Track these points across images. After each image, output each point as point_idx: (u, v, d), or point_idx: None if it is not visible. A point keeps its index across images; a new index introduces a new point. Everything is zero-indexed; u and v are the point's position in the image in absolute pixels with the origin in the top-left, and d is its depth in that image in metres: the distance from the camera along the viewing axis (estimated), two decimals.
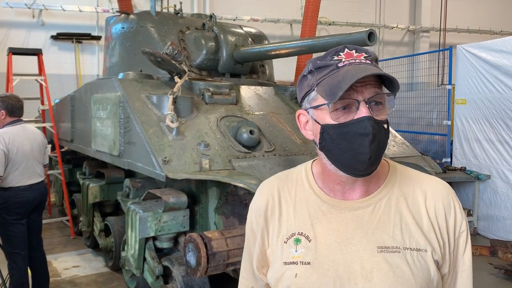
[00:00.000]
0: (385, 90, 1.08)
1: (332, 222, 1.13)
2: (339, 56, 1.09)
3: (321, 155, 1.14)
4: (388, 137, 1.11)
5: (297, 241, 1.14)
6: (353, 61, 1.07)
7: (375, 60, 1.11)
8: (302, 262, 1.11)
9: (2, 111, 3.78)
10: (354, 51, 1.10)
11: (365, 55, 1.09)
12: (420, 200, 1.14)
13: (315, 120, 1.12)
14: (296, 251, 1.13)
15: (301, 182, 1.22)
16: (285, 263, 1.13)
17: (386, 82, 1.08)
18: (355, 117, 1.05)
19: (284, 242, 1.15)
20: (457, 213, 1.15)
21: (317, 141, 1.13)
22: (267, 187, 1.26)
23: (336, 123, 1.06)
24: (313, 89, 1.11)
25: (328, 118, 1.08)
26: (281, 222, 1.19)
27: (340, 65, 1.07)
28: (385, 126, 1.09)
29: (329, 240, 1.11)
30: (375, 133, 1.04)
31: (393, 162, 1.24)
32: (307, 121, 1.17)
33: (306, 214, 1.16)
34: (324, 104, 1.07)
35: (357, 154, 1.05)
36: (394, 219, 1.12)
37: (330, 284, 1.08)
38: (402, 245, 1.09)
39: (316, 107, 1.10)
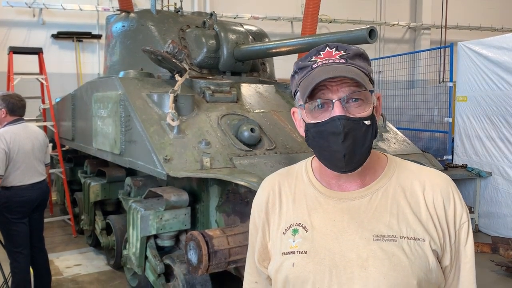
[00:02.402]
0: (363, 89, 1.08)
1: (329, 212, 1.15)
2: (318, 56, 1.12)
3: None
4: (372, 134, 1.11)
5: (295, 231, 1.16)
6: (326, 61, 1.10)
7: (357, 56, 1.11)
8: (299, 251, 1.13)
9: (3, 109, 3.78)
10: (334, 49, 1.12)
11: (343, 53, 1.11)
12: (418, 192, 1.15)
13: (302, 118, 1.17)
14: (293, 241, 1.15)
15: (301, 176, 1.25)
16: (284, 253, 1.16)
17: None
18: (329, 117, 1.08)
19: (283, 233, 1.18)
20: (456, 204, 1.15)
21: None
22: (269, 182, 1.30)
23: (314, 121, 1.11)
24: (297, 89, 1.15)
25: (310, 117, 1.12)
26: (281, 214, 1.22)
27: (314, 66, 1.11)
28: (367, 122, 1.09)
29: (325, 230, 1.13)
30: (347, 132, 1.06)
31: (392, 156, 1.25)
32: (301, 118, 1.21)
33: (304, 205, 1.19)
34: (301, 105, 1.13)
35: (332, 152, 1.09)
36: (391, 208, 1.13)
37: (326, 272, 1.09)
38: (398, 234, 1.09)
39: (299, 106, 1.15)
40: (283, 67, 8.06)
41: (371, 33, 3.37)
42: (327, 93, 1.08)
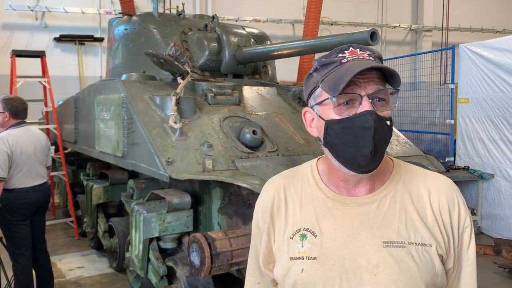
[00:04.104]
0: (389, 87, 1.10)
1: (338, 217, 1.15)
2: (344, 54, 1.12)
3: (326, 151, 1.16)
4: (390, 135, 1.13)
5: (303, 236, 1.16)
6: (357, 57, 1.10)
7: (379, 58, 1.13)
8: (308, 257, 1.13)
9: (6, 113, 3.79)
10: (358, 49, 1.13)
11: (369, 53, 1.12)
12: (425, 197, 1.16)
13: (320, 116, 1.14)
14: (302, 246, 1.15)
15: (307, 179, 1.24)
16: (291, 258, 1.15)
17: (389, 79, 1.10)
18: (358, 111, 1.07)
19: (290, 238, 1.17)
20: (461, 208, 1.17)
21: (322, 137, 1.15)
22: (273, 184, 1.28)
23: (340, 117, 1.09)
24: (318, 86, 1.13)
25: (332, 114, 1.10)
26: (287, 218, 1.21)
27: (343, 61, 1.10)
28: (388, 123, 1.10)
29: (334, 236, 1.13)
30: (376, 127, 1.06)
31: (397, 159, 1.26)
32: (313, 119, 1.19)
33: (312, 210, 1.18)
34: (327, 99, 1.10)
35: (359, 147, 1.07)
36: (399, 214, 1.14)
37: (336, 278, 1.10)
38: (407, 240, 1.10)
39: (320, 103, 1.13)
40: (284, 69, 8.07)
41: (373, 36, 3.38)
42: (356, 89, 1.07)
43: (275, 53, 4.42)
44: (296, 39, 9.28)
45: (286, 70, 8.35)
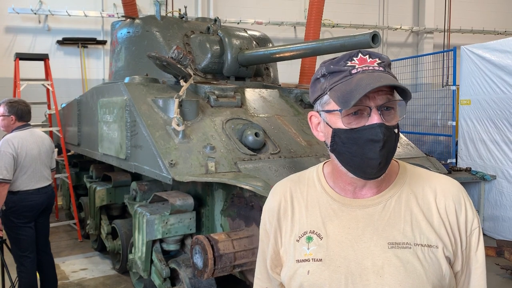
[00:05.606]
0: (397, 96, 1.10)
1: (343, 220, 1.15)
2: (353, 62, 1.10)
3: (332, 156, 1.16)
4: (397, 141, 1.13)
5: (309, 239, 1.16)
6: (366, 68, 1.09)
7: (388, 66, 1.12)
8: (314, 259, 1.13)
9: (12, 116, 3.82)
10: (367, 56, 1.11)
11: (379, 61, 1.10)
12: (430, 198, 1.16)
13: (327, 123, 1.14)
14: (308, 248, 1.15)
15: (313, 183, 1.24)
16: (298, 260, 1.16)
17: (398, 88, 1.09)
18: (367, 124, 1.07)
19: (297, 241, 1.18)
20: (468, 210, 1.16)
21: (329, 143, 1.15)
22: (280, 188, 1.29)
23: (347, 128, 1.08)
24: (326, 93, 1.12)
25: (339, 123, 1.10)
26: (293, 221, 1.22)
27: (353, 72, 1.09)
28: (396, 131, 1.10)
29: (340, 237, 1.14)
30: (385, 140, 1.06)
31: (402, 162, 1.25)
32: (319, 123, 1.19)
33: (318, 213, 1.19)
34: (336, 110, 1.09)
35: (367, 159, 1.08)
36: (405, 216, 1.13)
37: (342, 280, 1.10)
38: (412, 241, 1.10)
39: (328, 111, 1.12)
40: (286, 71, 8.09)
41: (374, 38, 3.39)
42: (365, 100, 1.06)
43: (277, 55, 4.44)
44: (298, 41, 9.30)
45: (288, 72, 8.38)
